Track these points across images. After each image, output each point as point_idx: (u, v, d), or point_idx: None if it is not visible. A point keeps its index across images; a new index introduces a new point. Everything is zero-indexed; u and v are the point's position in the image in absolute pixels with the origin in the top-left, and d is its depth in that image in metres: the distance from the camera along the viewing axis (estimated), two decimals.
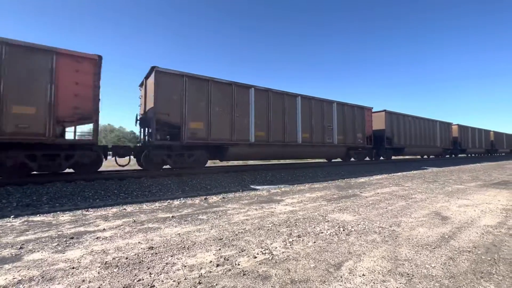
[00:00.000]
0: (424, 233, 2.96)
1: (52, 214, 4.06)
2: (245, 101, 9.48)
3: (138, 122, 9.04)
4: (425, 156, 22.85)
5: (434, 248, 2.52)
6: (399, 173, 10.51)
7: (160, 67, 7.78)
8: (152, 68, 7.82)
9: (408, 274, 1.99)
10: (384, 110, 15.48)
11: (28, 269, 2.10)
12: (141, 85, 9.36)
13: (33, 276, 1.97)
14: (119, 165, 8.12)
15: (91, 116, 6.38)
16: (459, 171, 11.12)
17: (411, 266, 2.13)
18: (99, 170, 7.61)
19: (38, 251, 2.48)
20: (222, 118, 8.85)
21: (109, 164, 9.87)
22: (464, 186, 6.66)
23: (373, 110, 14.75)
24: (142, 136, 9.17)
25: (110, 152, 7.79)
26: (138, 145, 8.84)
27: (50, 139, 5.82)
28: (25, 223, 3.53)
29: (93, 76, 6.39)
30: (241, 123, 9.28)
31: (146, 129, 8.96)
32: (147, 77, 8.58)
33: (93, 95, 6.37)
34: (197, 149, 8.66)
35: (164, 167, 8.64)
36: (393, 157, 17.35)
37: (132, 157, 8.17)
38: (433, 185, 6.95)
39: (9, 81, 5.42)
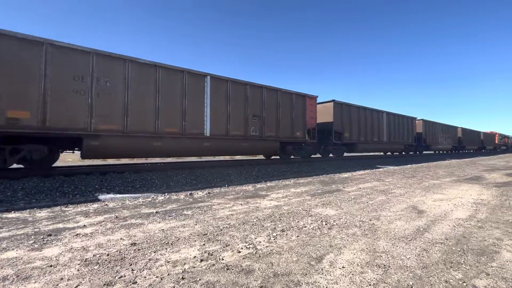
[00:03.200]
0: (401, 226, 3.11)
1: (28, 210, 3.89)
2: (115, 76, 6.93)
3: None
4: (389, 153, 21.57)
5: (410, 240, 2.66)
6: (381, 169, 10.89)
7: None
8: None
9: (384, 265, 2.09)
10: (333, 101, 13.68)
11: (1, 268, 2.01)
12: None
13: (7, 275, 1.89)
14: None
15: None
16: (435, 167, 11.68)
17: (388, 258, 2.24)
18: None
19: (12, 249, 2.38)
20: (70, 97, 6.25)
21: None
22: (439, 181, 7.02)
23: (318, 100, 12.92)
24: None
25: None
26: None
27: None
28: None
29: None
30: (106, 107, 6.75)
31: None
32: None
33: None
34: (28, 143, 6.16)
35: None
36: (346, 154, 15.79)
37: None
38: (412, 180, 7.27)
39: None
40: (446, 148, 27.63)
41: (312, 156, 13.79)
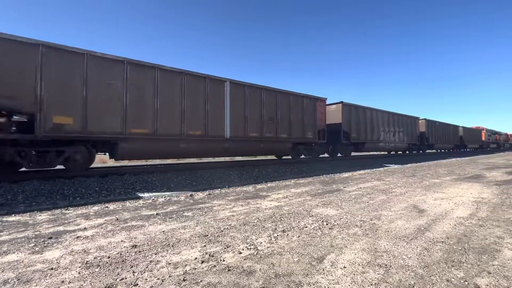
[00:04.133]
0: (402, 226, 3.10)
1: (28, 213, 3.88)
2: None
3: None
4: (264, 158, 13.37)
5: (411, 239, 2.65)
6: (381, 168, 10.89)
7: None
8: None
9: (386, 265, 2.09)
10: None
11: (2, 271, 2.01)
12: None
13: (8, 279, 1.89)
14: None
15: None
16: (436, 166, 11.67)
17: (389, 257, 2.23)
18: None
19: (13, 253, 2.37)
20: None
21: None
22: (440, 180, 7.02)
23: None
24: None
25: None
26: None
27: None
28: None
29: None
30: None
31: None
32: None
33: None
34: None
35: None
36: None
37: None
38: (412, 179, 7.26)
39: None
40: (397, 148, 19.44)
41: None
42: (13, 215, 3.79)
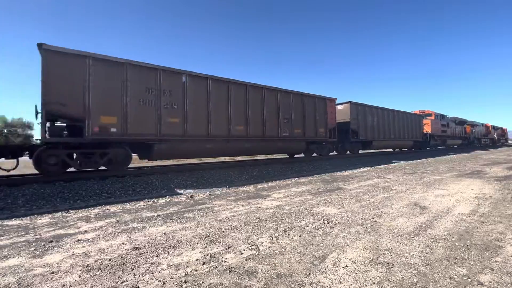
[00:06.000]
0: (404, 223, 3.09)
1: (29, 217, 3.87)
2: None
3: None
4: None
5: (412, 237, 2.64)
6: (382, 166, 10.88)
7: None
8: None
9: (388, 263, 2.08)
10: None
11: (3, 276, 2.00)
12: None
13: (9, 284, 1.88)
14: None
15: None
16: (436, 162, 11.66)
17: (391, 255, 2.22)
18: None
19: (14, 257, 2.36)
20: None
21: None
22: (441, 177, 7.00)
23: None
24: None
25: None
26: None
27: None
28: None
29: None
30: None
31: None
32: None
33: None
34: None
35: None
36: None
37: None
38: (413, 176, 7.25)
39: None
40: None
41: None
42: (14, 219, 3.78)
